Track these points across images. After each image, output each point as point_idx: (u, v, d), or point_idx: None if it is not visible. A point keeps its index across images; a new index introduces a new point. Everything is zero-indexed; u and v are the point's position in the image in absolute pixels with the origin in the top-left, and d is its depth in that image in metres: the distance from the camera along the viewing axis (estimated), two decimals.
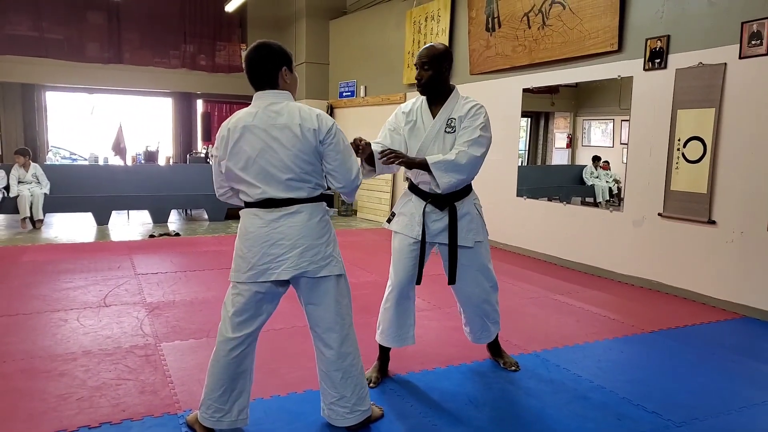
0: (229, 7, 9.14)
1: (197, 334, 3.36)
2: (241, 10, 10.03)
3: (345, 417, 2.18)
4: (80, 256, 5.43)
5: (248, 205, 2.07)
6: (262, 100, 2.04)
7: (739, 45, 4.03)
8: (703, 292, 4.31)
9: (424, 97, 2.68)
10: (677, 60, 4.47)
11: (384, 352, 2.83)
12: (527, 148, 8.30)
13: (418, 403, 2.53)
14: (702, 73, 4.28)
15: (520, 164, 8.05)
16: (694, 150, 4.36)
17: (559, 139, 8.25)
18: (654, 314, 4.00)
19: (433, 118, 2.60)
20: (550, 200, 6.11)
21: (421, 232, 2.60)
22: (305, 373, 2.77)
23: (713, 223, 4.23)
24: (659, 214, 4.62)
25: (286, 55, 2.08)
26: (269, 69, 2.04)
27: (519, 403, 2.57)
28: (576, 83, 5.67)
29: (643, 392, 2.70)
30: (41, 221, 7.12)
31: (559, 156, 8.15)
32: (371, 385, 2.65)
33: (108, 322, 3.52)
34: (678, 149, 4.48)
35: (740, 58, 4.03)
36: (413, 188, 2.70)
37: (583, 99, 7.48)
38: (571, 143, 7.93)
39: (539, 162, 8.20)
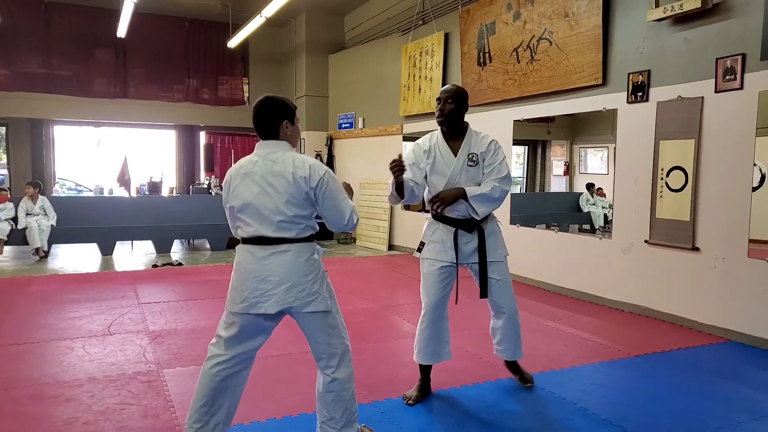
0: (232, 43, 9.47)
1: (198, 360, 3.48)
2: (243, 45, 10.37)
3: None
4: (85, 286, 5.58)
5: (244, 241, 2.28)
6: (263, 149, 2.26)
7: (714, 80, 4.24)
8: (689, 316, 4.43)
9: (439, 134, 2.98)
10: (658, 93, 4.69)
11: (424, 372, 3.03)
12: (525, 176, 8.51)
13: (412, 420, 2.64)
14: (681, 106, 4.49)
15: (518, 191, 8.25)
16: (676, 179, 4.54)
17: (557, 167, 8.45)
18: (641, 339, 4.12)
19: (453, 152, 2.91)
20: (549, 227, 6.27)
21: (455, 256, 2.89)
22: (301, 397, 2.90)
23: (697, 249, 4.38)
24: (646, 241, 4.78)
25: (289, 109, 2.30)
26: (272, 121, 2.26)
27: (504, 425, 2.69)
28: (572, 113, 5.88)
29: (624, 414, 2.82)
30: (46, 252, 7.30)
31: (557, 183, 8.33)
32: (409, 402, 2.89)
33: (112, 349, 3.66)
34: (662, 178, 4.66)
35: (716, 92, 4.24)
36: (439, 217, 2.97)
37: (579, 127, 7.71)
38: (569, 170, 8.13)
39: (537, 189, 8.39)
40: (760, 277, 3.96)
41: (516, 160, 8.49)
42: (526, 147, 8.42)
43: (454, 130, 2.94)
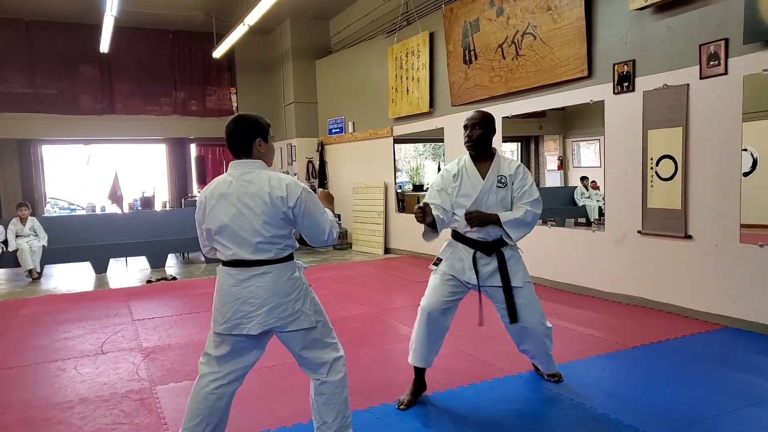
0: (217, 53, 9.44)
1: (192, 375, 3.42)
2: (230, 55, 10.35)
3: None
4: (78, 306, 5.53)
5: (223, 263, 2.25)
6: (237, 169, 2.22)
7: (699, 66, 4.23)
8: (685, 305, 4.41)
9: (467, 158, 2.99)
10: (644, 83, 4.67)
11: (418, 374, 3.00)
12: None
13: (406, 424, 2.61)
14: (667, 94, 4.47)
15: None
16: (666, 168, 4.52)
17: (550, 162, 8.41)
18: (637, 330, 4.09)
19: (481, 175, 2.92)
20: (545, 223, 6.24)
21: (474, 277, 2.88)
22: (296, 408, 2.86)
23: (689, 237, 4.36)
24: (639, 232, 4.76)
25: (262, 127, 2.26)
26: (245, 140, 2.22)
27: (500, 425, 2.66)
28: (563, 106, 5.86)
29: (621, 406, 2.79)
30: (39, 273, 7.25)
31: (551, 178, 8.30)
32: (401, 407, 2.86)
33: (105, 369, 3.62)
34: (651, 168, 4.64)
35: (701, 78, 4.22)
36: (458, 237, 2.98)
37: (571, 121, 7.68)
38: (562, 165, 8.11)
39: None
40: (753, 262, 3.94)
41: (513, 156, 8.46)
42: (519, 143, 8.38)
43: (482, 154, 2.96)
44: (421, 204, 2.79)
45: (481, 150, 2.94)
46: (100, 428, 2.72)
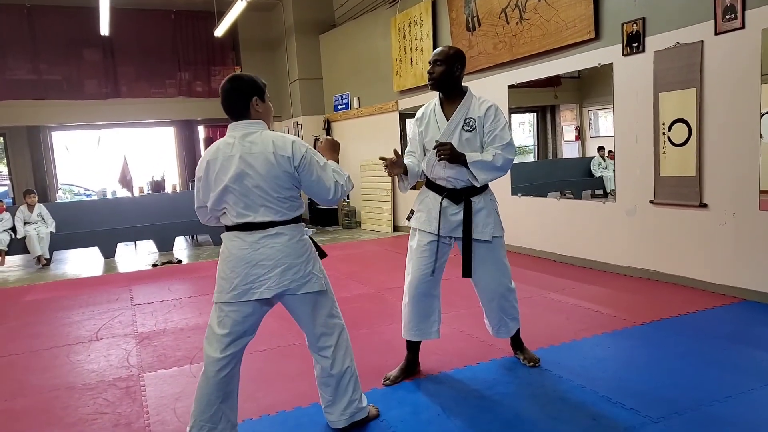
0: (218, 32, 9.25)
1: (182, 361, 3.37)
2: (233, 33, 10.15)
3: (339, 419, 2.33)
4: (81, 292, 5.51)
5: (229, 228, 2.16)
6: (237, 130, 2.13)
7: (713, 21, 3.93)
8: (700, 277, 4.18)
9: (436, 100, 2.78)
10: (655, 42, 4.38)
11: (410, 350, 2.90)
12: (536, 144, 8.19)
13: (394, 410, 2.48)
14: (680, 53, 4.18)
15: (530, 160, 7.95)
16: (679, 133, 4.25)
17: (568, 132, 8.10)
18: (648, 305, 3.89)
19: (447, 116, 2.71)
20: (564, 195, 6.00)
21: (437, 227, 2.71)
22: (280, 396, 2.76)
23: (705, 206, 4.11)
24: (651, 202, 4.51)
25: (258, 86, 2.17)
26: (241, 100, 2.13)
27: (493, 410, 2.51)
28: (578, 73, 5.58)
29: (624, 389, 2.61)
30: (48, 260, 7.28)
31: (569, 149, 8.00)
32: (387, 382, 2.81)
33: (96, 355, 3.56)
34: (663, 133, 4.37)
35: (716, 34, 3.93)
36: (430, 184, 2.80)
37: (586, 89, 7.35)
38: (580, 135, 7.79)
39: (550, 156, 8.07)
40: None
41: (525, 128, 8.18)
42: (535, 114, 8.07)
43: (451, 94, 2.72)
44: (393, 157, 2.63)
45: (446, 89, 2.71)
46: (81, 418, 2.65)
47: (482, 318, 3.04)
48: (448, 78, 2.68)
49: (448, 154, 2.56)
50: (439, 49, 2.73)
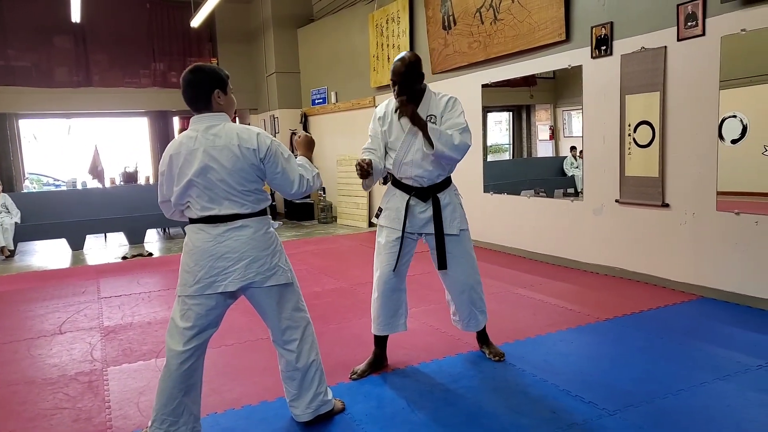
0: (195, 22, 9.12)
1: (147, 355, 3.35)
2: (210, 24, 10.03)
3: (303, 413, 2.33)
4: (47, 284, 5.41)
5: (193, 221, 2.15)
6: (200, 123, 2.12)
7: (676, 27, 4.03)
8: (662, 275, 4.30)
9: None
10: (622, 46, 4.47)
11: (378, 345, 2.94)
12: (511, 142, 8.29)
13: (359, 404, 2.51)
14: (645, 57, 4.28)
15: (506, 158, 8.04)
16: (644, 134, 4.36)
17: (542, 132, 8.22)
18: (612, 301, 3.99)
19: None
20: (537, 194, 6.08)
21: (409, 225, 2.77)
22: (246, 389, 2.76)
23: (667, 206, 4.23)
24: (617, 201, 4.62)
25: (220, 78, 2.15)
26: (203, 92, 2.11)
27: (457, 403, 2.56)
28: (553, 74, 5.66)
29: (584, 382, 2.69)
30: (12, 251, 7.11)
31: (543, 148, 8.12)
32: (354, 376, 2.83)
33: (59, 350, 3.51)
34: (629, 134, 4.48)
35: (678, 40, 4.03)
36: (396, 183, 2.85)
37: (561, 90, 7.45)
38: (554, 134, 7.91)
39: (525, 155, 8.18)
40: (728, 231, 3.82)
41: (502, 126, 8.26)
42: (510, 113, 8.17)
43: (411, 97, 2.74)
44: (365, 159, 2.64)
45: (409, 96, 2.72)
46: (39, 413, 2.62)
47: (449, 312, 3.09)
48: (413, 90, 2.72)
49: (408, 112, 2.63)
50: (394, 63, 2.73)
